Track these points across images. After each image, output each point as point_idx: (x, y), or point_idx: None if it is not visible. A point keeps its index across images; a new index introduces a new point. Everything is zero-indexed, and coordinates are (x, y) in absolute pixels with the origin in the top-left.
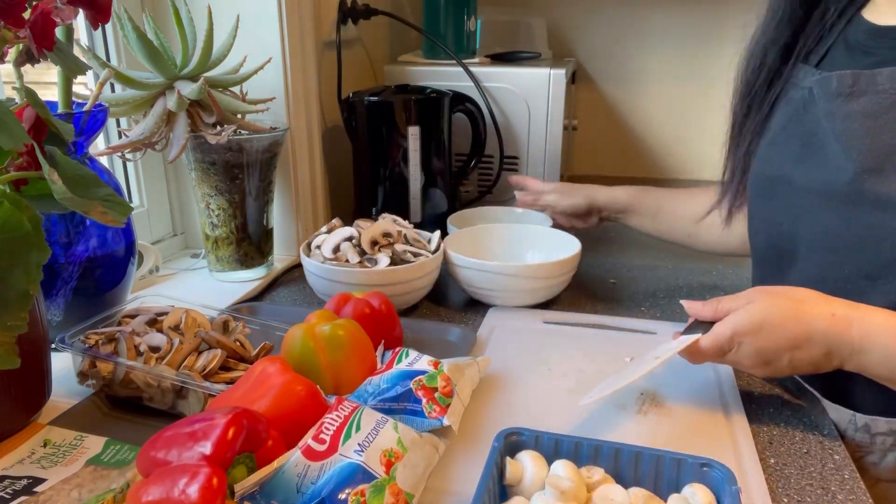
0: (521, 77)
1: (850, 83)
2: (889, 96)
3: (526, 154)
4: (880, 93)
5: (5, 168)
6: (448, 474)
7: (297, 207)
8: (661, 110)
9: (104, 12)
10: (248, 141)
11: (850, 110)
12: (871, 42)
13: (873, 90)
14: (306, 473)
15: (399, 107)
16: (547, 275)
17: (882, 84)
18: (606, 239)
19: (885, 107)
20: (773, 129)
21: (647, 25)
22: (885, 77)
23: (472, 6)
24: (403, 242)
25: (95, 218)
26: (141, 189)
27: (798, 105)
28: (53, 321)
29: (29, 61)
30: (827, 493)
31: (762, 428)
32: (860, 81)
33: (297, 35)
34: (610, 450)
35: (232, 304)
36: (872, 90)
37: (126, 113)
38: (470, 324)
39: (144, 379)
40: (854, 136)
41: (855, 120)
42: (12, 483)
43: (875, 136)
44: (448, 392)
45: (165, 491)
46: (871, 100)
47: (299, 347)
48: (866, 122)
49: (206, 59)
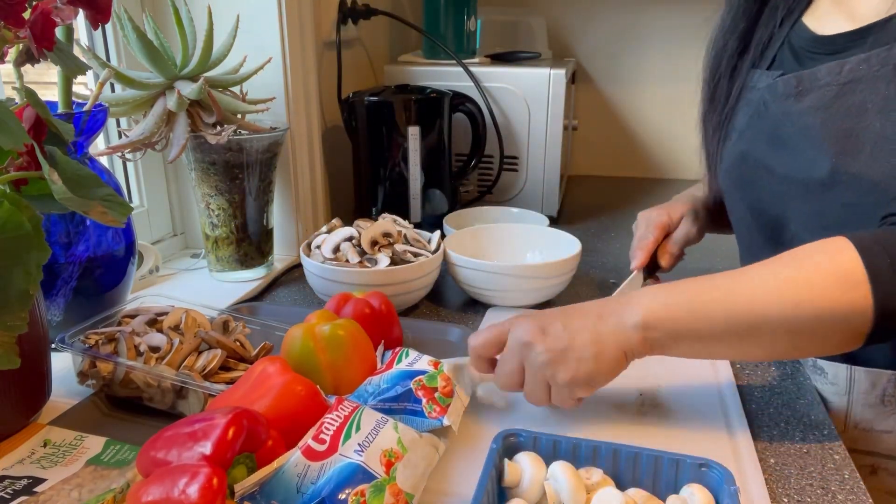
0: (521, 77)
1: (794, 84)
2: (833, 88)
3: (526, 154)
4: (824, 87)
5: (5, 168)
6: (447, 475)
7: (297, 207)
8: (661, 110)
9: (104, 12)
10: (248, 141)
11: (802, 108)
12: (814, 49)
13: (817, 86)
14: (306, 473)
15: (399, 107)
16: (547, 275)
17: (823, 79)
18: (606, 239)
19: (831, 98)
20: (739, 128)
21: (647, 25)
22: (824, 73)
23: (472, 6)
24: (403, 242)
25: (95, 218)
26: (141, 189)
27: (758, 105)
28: (53, 321)
29: (29, 61)
30: (827, 493)
31: (762, 428)
32: (803, 81)
33: (297, 35)
34: (608, 450)
35: (232, 304)
36: (816, 86)
37: (126, 113)
38: (469, 324)
39: (144, 379)
40: (814, 130)
41: (809, 115)
42: (12, 483)
43: (832, 126)
44: (448, 392)
45: (165, 491)
46: (818, 94)
47: (299, 347)
48: (819, 114)
49: (206, 59)
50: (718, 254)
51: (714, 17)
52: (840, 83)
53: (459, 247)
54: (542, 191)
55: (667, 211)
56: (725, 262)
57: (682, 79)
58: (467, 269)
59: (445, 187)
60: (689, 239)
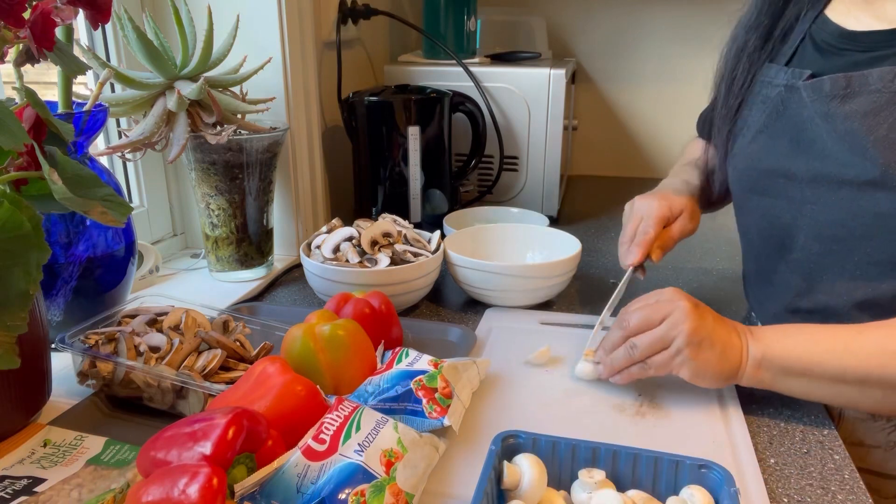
0: (521, 77)
1: (843, 85)
2: (883, 95)
3: (526, 154)
4: (874, 92)
5: (5, 168)
6: (447, 476)
7: (297, 207)
8: (662, 110)
9: (104, 12)
10: (248, 141)
11: (849, 110)
12: (841, 44)
13: (867, 90)
14: (306, 473)
15: (399, 107)
16: (546, 275)
17: (874, 84)
18: (606, 239)
19: (882, 104)
20: (754, 127)
21: (646, 25)
22: (875, 78)
23: (472, 6)
24: (403, 242)
25: (95, 218)
26: (141, 189)
27: (776, 103)
28: (53, 321)
29: (29, 61)
30: (827, 493)
31: (762, 428)
32: (853, 83)
33: (297, 35)
34: (608, 452)
35: (232, 304)
36: (866, 90)
37: (126, 113)
38: (469, 324)
39: (144, 379)
40: (858, 134)
41: (856, 119)
42: (12, 483)
43: (878, 131)
44: (448, 393)
45: (165, 491)
46: (868, 99)
47: (299, 347)
48: (867, 120)
49: (206, 59)
50: (718, 254)
51: (716, 17)
52: (893, 90)
53: (459, 247)
54: (542, 191)
55: (668, 203)
56: (725, 262)
57: (682, 79)
58: (467, 269)
59: (445, 187)
60: (684, 234)
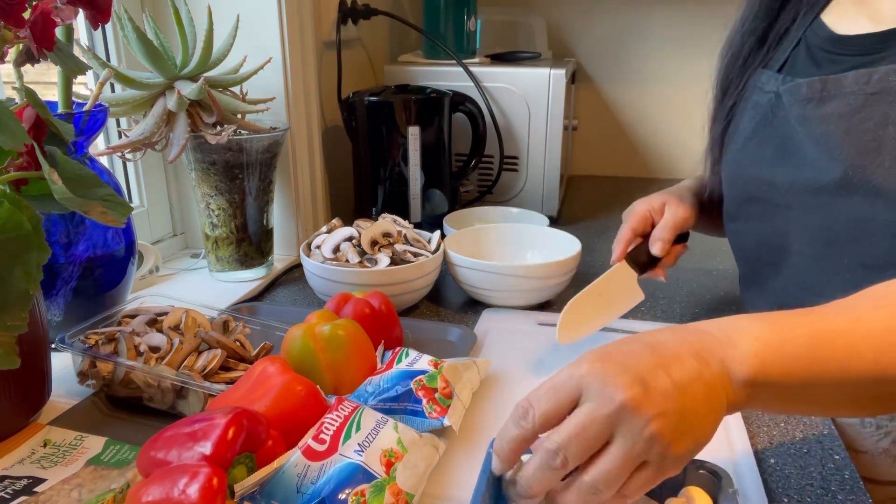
0: (521, 77)
1: (819, 88)
2: (858, 97)
3: (526, 154)
4: (849, 95)
5: (5, 168)
6: (447, 477)
7: (297, 207)
8: (661, 110)
9: (104, 12)
10: (248, 141)
11: (825, 113)
12: (834, 49)
13: (842, 93)
14: (306, 473)
15: (399, 107)
16: (547, 275)
17: (849, 87)
18: (606, 239)
19: (856, 107)
20: (743, 134)
21: (647, 26)
22: (850, 80)
23: (472, 6)
24: (403, 242)
25: (95, 218)
26: (141, 189)
27: (766, 110)
28: (53, 321)
29: (29, 61)
30: (827, 492)
31: (762, 428)
32: (828, 86)
33: (297, 35)
34: None
35: (232, 304)
36: (841, 93)
37: (126, 113)
38: (469, 324)
39: (144, 379)
40: (833, 137)
41: (831, 122)
42: (12, 483)
43: (853, 135)
44: (448, 393)
45: (165, 491)
46: (843, 102)
47: (299, 347)
48: (842, 122)
49: (206, 59)
50: (718, 254)
51: (715, 18)
52: (867, 93)
53: (459, 247)
54: (541, 191)
55: (648, 200)
56: (725, 262)
57: (683, 79)
58: (467, 269)
59: (445, 187)
60: (677, 221)
